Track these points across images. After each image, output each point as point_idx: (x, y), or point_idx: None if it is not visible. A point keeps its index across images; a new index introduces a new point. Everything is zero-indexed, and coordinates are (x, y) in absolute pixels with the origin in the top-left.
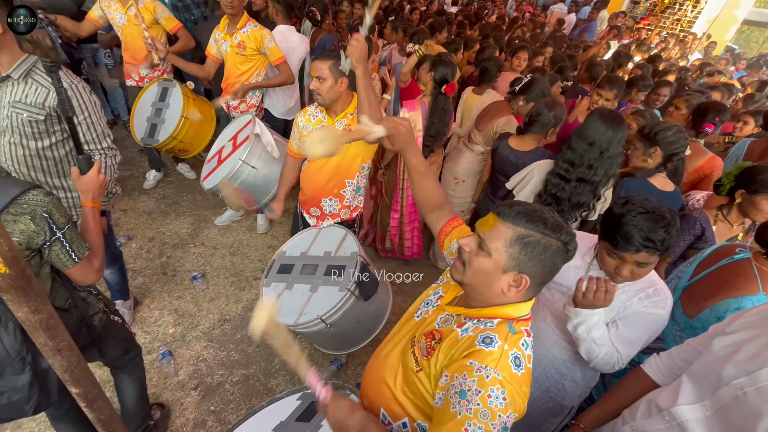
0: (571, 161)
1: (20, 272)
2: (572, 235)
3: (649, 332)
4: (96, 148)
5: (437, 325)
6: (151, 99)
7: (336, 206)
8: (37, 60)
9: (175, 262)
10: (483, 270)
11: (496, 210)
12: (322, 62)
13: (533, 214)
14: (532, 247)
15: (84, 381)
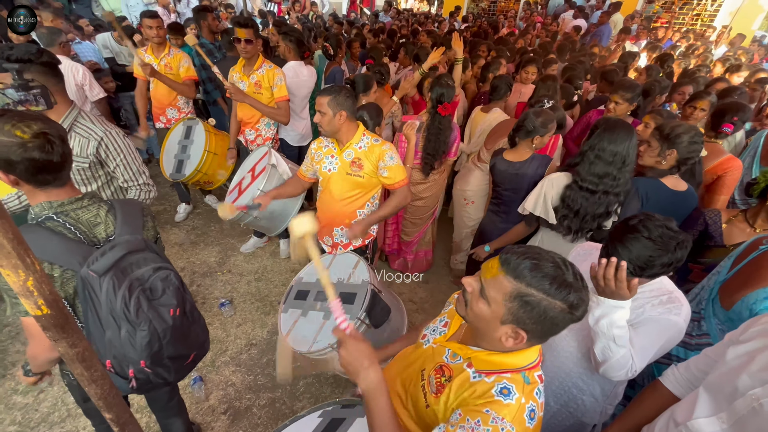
0: (598, 174)
1: (59, 312)
2: (582, 300)
3: (662, 339)
4: (133, 185)
5: (446, 359)
6: (177, 137)
7: (347, 235)
8: (78, 114)
9: (205, 290)
10: (481, 315)
11: (502, 257)
12: (322, 98)
13: (539, 271)
14: (532, 307)
15: (116, 407)
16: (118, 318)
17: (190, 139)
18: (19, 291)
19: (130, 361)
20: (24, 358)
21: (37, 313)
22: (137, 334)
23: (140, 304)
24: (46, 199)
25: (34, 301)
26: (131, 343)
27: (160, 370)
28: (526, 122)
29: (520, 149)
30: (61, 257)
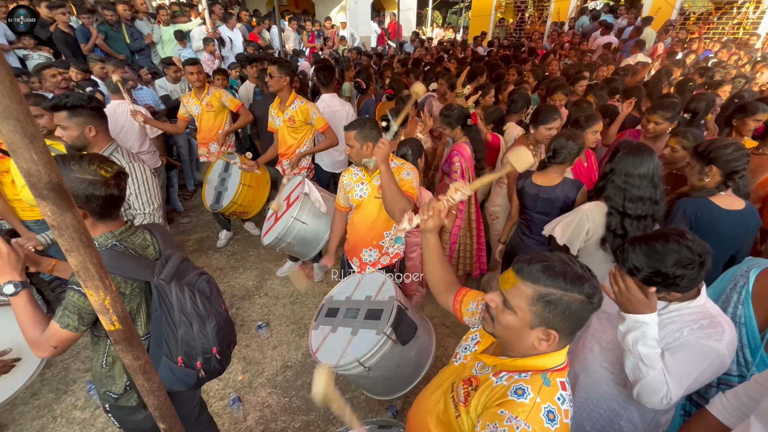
0: (640, 198)
1: (128, 328)
2: (595, 287)
3: (700, 366)
4: (140, 213)
5: (475, 371)
6: (218, 170)
7: (375, 255)
8: (115, 149)
9: (243, 313)
10: (510, 326)
11: (515, 267)
12: (349, 132)
13: (551, 271)
14: (555, 305)
15: (169, 418)
16: (189, 316)
17: (228, 172)
18: (98, 308)
19: (199, 353)
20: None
21: (110, 328)
22: (207, 326)
23: (204, 302)
24: (106, 230)
25: (109, 317)
26: (203, 334)
27: (222, 357)
28: (566, 148)
29: (551, 173)
30: (136, 272)
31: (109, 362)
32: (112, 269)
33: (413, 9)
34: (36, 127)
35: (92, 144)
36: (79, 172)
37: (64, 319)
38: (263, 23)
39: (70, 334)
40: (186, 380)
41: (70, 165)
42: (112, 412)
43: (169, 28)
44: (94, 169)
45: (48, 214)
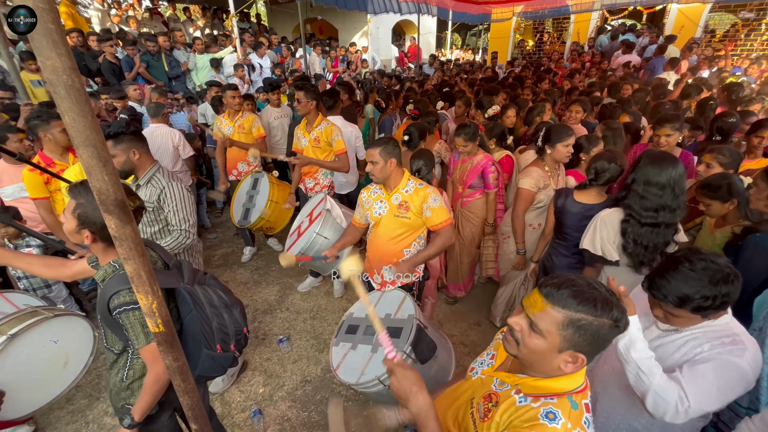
0: (653, 208)
1: (170, 331)
2: (622, 312)
3: (720, 380)
4: (177, 228)
5: (494, 387)
6: (246, 188)
7: (394, 273)
8: (157, 170)
9: (265, 326)
10: (538, 350)
11: (543, 291)
12: (373, 149)
13: (582, 296)
14: (586, 330)
15: (200, 419)
16: (219, 307)
17: (256, 189)
18: (146, 312)
19: (232, 336)
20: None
21: (155, 330)
22: (235, 311)
23: (223, 293)
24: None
25: (155, 320)
26: (234, 319)
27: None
28: (609, 171)
29: (594, 192)
30: (165, 282)
31: (130, 375)
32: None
33: (433, 32)
34: (107, 153)
35: (138, 166)
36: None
37: (148, 338)
38: (291, 48)
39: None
40: (224, 364)
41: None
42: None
43: (203, 56)
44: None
45: (112, 226)
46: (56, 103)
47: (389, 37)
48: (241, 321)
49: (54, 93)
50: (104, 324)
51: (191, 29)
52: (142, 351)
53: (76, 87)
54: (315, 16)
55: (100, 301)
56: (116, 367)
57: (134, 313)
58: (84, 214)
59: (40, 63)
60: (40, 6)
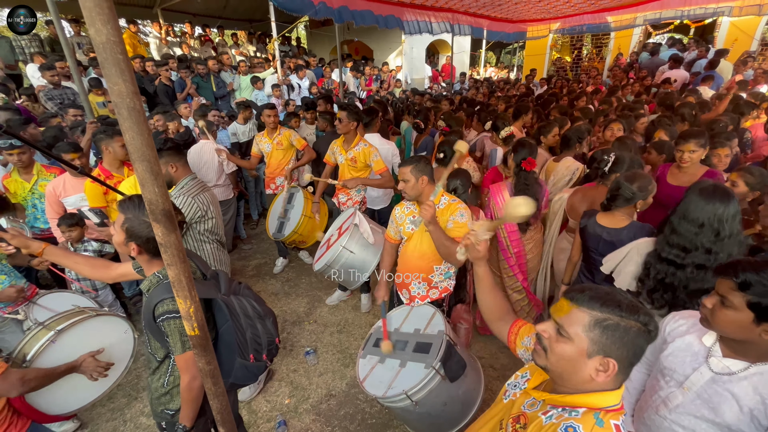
0: (681, 246)
1: (204, 335)
2: (650, 316)
3: None
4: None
5: (524, 408)
6: (281, 202)
7: (424, 289)
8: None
9: (293, 338)
10: (566, 355)
11: (567, 296)
12: (405, 167)
13: (606, 298)
14: (613, 330)
15: (228, 424)
16: (253, 318)
17: (291, 204)
18: (184, 315)
19: (264, 346)
20: None
21: (191, 333)
22: (267, 322)
23: (257, 304)
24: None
25: (191, 323)
26: (267, 329)
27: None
28: (621, 190)
29: (617, 215)
30: (205, 292)
31: (170, 381)
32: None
33: (467, 51)
34: (159, 167)
35: (175, 178)
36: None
37: (185, 345)
38: (328, 69)
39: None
40: (256, 373)
41: (142, 209)
42: (167, 429)
43: (246, 77)
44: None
45: (159, 234)
46: (119, 123)
47: (423, 57)
48: (273, 331)
49: (118, 114)
50: (148, 331)
51: (236, 55)
52: (178, 359)
53: (137, 109)
54: (352, 38)
55: (145, 309)
56: (158, 373)
57: (175, 322)
58: (131, 228)
59: (108, 87)
60: (112, 39)
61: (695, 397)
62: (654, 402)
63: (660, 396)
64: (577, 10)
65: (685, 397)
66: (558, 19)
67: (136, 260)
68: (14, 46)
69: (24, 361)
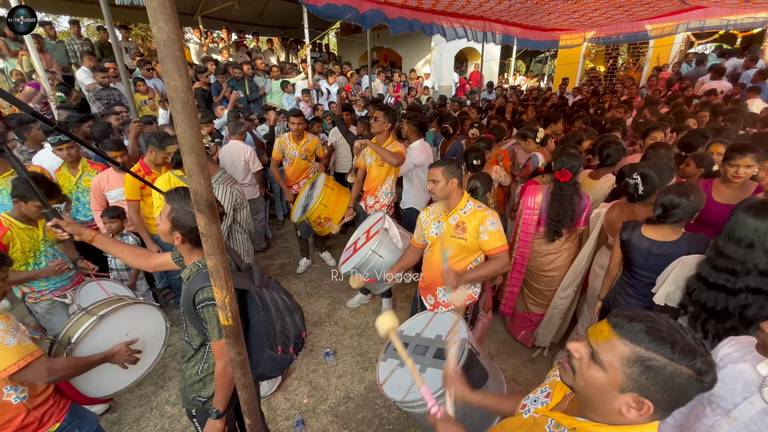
0: (730, 269)
1: (237, 325)
2: (710, 365)
3: None
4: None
5: (548, 429)
6: (305, 193)
7: (449, 296)
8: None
9: (313, 338)
10: (596, 384)
11: (612, 321)
12: (436, 168)
13: (659, 334)
14: (656, 373)
15: (254, 415)
16: (282, 311)
17: (314, 189)
18: (219, 305)
19: (292, 339)
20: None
21: (225, 323)
22: (296, 316)
23: (287, 298)
24: (200, 256)
25: (226, 313)
26: (295, 323)
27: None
28: (682, 207)
29: (666, 228)
30: (239, 283)
31: (204, 369)
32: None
33: (496, 59)
34: (205, 160)
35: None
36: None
37: (221, 333)
38: (357, 76)
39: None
40: (283, 365)
41: (187, 200)
42: (197, 417)
43: (278, 81)
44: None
45: (201, 224)
46: (173, 115)
47: (451, 65)
48: (301, 325)
49: (172, 107)
50: (187, 318)
51: (271, 58)
52: (214, 345)
53: (189, 104)
54: (381, 45)
55: (185, 297)
56: (193, 360)
57: (214, 309)
58: (177, 218)
59: (165, 83)
60: (172, 37)
61: (743, 427)
62: (697, 430)
63: (704, 424)
64: (614, 21)
65: (730, 427)
66: (593, 27)
67: (176, 250)
68: (68, 50)
69: (69, 343)
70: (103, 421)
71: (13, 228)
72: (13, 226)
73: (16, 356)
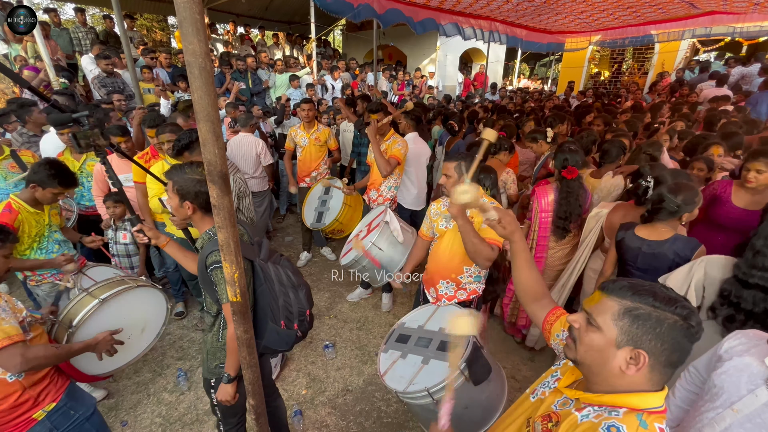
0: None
1: (245, 302)
2: (690, 310)
3: None
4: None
5: (554, 407)
6: (318, 194)
7: (452, 289)
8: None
9: (313, 331)
10: (594, 345)
11: (600, 286)
12: (449, 163)
13: (640, 287)
14: (644, 320)
15: (258, 396)
16: (286, 286)
17: (329, 195)
18: (228, 280)
19: (296, 316)
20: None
21: (233, 299)
22: (300, 292)
23: (293, 274)
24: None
25: (234, 289)
26: (299, 299)
27: (310, 319)
28: (665, 203)
29: (659, 227)
30: (247, 253)
31: (224, 335)
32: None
33: (501, 61)
34: (220, 129)
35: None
36: (190, 173)
37: (224, 296)
38: (363, 72)
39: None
40: (287, 340)
41: (185, 169)
42: (215, 387)
43: (282, 75)
44: (201, 171)
45: (214, 195)
46: (189, 82)
47: (456, 65)
48: (305, 303)
49: (190, 74)
50: (203, 285)
51: (276, 52)
52: (225, 307)
53: (207, 69)
54: (387, 42)
55: (199, 263)
56: (213, 329)
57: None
58: (181, 188)
59: (183, 47)
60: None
61: (746, 420)
62: (699, 422)
63: (707, 417)
64: (621, 23)
65: (733, 420)
66: (599, 31)
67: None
68: (72, 38)
69: (71, 325)
70: (100, 406)
71: (22, 212)
72: (23, 210)
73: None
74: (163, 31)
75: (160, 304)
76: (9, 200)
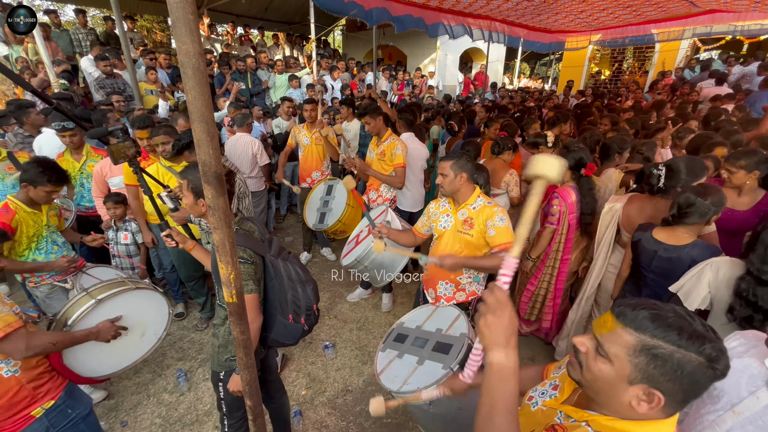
0: None
1: (241, 303)
2: (720, 351)
3: None
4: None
5: (558, 420)
6: (319, 194)
7: (451, 290)
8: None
9: (313, 331)
10: (603, 377)
11: (615, 310)
12: (446, 162)
13: (664, 321)
14: (664, 361)
15: (255, 396)
16: (295, 282)
17: (331, 195)
18: (224, 281)
19: (303, 310)
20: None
21: (229, 300)
22: (308, 288)
23: (301, 270)
24: None
25: (230, 290)
26: (307, 294)
27: (317, 312)
28: (696, 207)
29: (679, 231)
30: (259, 248)
31: None
32: (247, 245)
33: (501, 61)
34: (215, 130)
35: None
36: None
37: (247, 287)
38: (362, 72)
39: (255, 296)
40: (295, 334)
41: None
42: (224, 380)
43: (282, 76)
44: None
45: (209, 196)
46: (183, 82)
47: (456, 65)
48: (312, 298)
49: (183, 74)
50: (217, 278)
51: (276, 52)
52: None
53: (200, 70)
54: (387, 42)
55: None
56: (227, 322)
57: (243, 266)
58: (195, 186)
59: (176, 47)
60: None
61: (747, 422)
62: (699, 425)
63: (708, 419)
64: (621, 22)
65: (734, 422)
66: (599, 30)
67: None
68: (73, 40)
69: (66, 325)
70: (101, 407)
71: (19, 211)
72: (20, 210)
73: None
74: (164, 32)
75: (161, 308)
76: (6, 200)
